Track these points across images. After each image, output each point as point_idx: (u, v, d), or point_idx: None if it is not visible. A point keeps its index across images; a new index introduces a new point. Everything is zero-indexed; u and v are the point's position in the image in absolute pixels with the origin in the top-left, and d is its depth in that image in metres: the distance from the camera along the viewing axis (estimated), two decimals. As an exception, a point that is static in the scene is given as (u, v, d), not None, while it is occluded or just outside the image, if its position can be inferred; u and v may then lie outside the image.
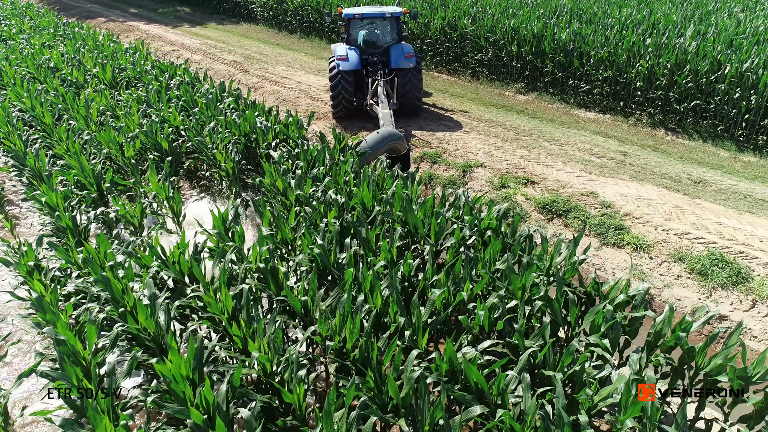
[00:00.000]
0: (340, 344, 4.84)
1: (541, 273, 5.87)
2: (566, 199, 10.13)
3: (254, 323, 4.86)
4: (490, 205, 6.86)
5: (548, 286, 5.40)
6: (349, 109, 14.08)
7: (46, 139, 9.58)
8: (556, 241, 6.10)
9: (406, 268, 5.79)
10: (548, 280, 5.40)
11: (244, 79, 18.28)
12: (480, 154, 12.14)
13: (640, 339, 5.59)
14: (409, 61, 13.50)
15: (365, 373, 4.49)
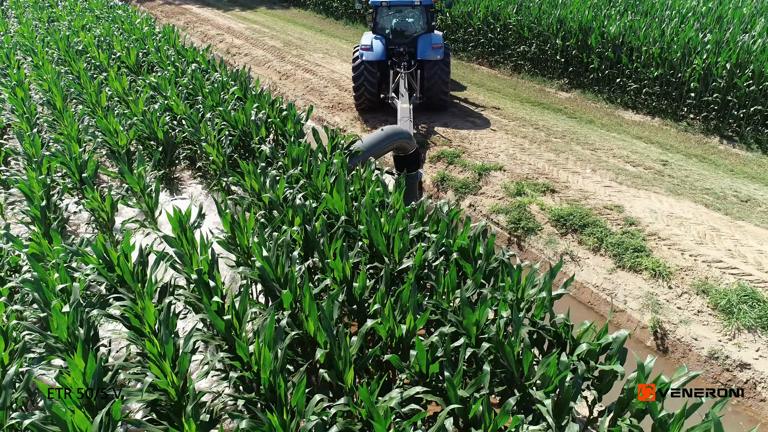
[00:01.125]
0: (254, 375, 4.37)
1: (513, 307, 5.14)
2: (586, 212, 9.15)
3: (170, 341, 4.46)
4: (467, 222, 6.13)
5: (518, 324, 4.68)
6: (372, 102, 13.50)
7: (53, 123, 9.63)
8: (530, 271, 5.33)
9: (358, 289, 5.23)
10: (515, 316, 4.67)
11: (279, 65, 18.04)
12: (502, 156, 11.27)
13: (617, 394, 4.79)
14: (436, 53, 12.72)
15: (273, 411, 4.00)
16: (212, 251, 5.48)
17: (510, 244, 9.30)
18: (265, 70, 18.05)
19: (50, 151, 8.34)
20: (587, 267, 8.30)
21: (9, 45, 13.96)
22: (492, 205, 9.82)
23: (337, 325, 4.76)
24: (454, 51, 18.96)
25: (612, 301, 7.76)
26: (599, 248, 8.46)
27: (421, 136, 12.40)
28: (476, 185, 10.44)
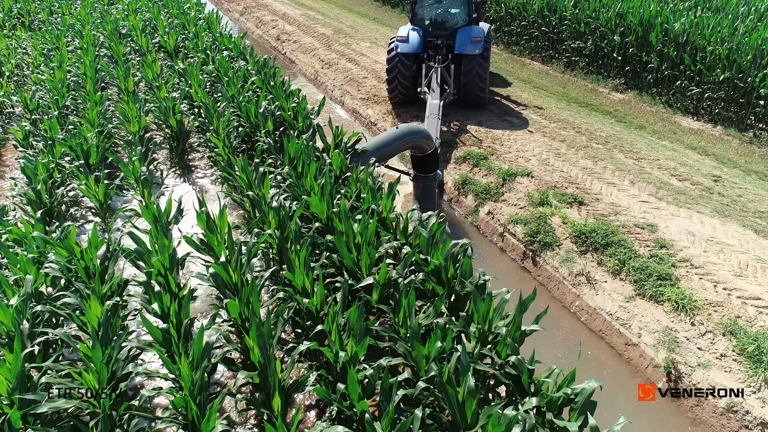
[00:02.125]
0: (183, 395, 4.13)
1: (478, 341, 4.62)
2: (613, 229, 8.31)
3: (98, 345, 4.30)
4: (447, 240, 5.60)
5: (465, 365, 4.16)
6: (405, 96, 13.00)
7: (76, 106, 9.83)
8: (500, 301, 4.76)
9: (311, 304, 4.88)
10: (463, 356, 4.14)
11: (324, 54, 17.83)
12: (533, 161, 10.50)
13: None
14: (474, 47, 12.02)
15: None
16: (174, 251, 5.30)
17: (524, 259, 8.63)
18: (309, 59, 17.90)
19: (65, 134, 8.51)
20: (603, 292, 7.52)
21: (63, 27, 14.55)
22: (511, 214, 9.15)
23: (281, 344, 4.43)
24: (507, 44, 18.04)
25: (625, 333, 6.99)
26: (620, 271, 7.65)
27: (450, 135, 11.81)
28: (498, 191, 9.77)
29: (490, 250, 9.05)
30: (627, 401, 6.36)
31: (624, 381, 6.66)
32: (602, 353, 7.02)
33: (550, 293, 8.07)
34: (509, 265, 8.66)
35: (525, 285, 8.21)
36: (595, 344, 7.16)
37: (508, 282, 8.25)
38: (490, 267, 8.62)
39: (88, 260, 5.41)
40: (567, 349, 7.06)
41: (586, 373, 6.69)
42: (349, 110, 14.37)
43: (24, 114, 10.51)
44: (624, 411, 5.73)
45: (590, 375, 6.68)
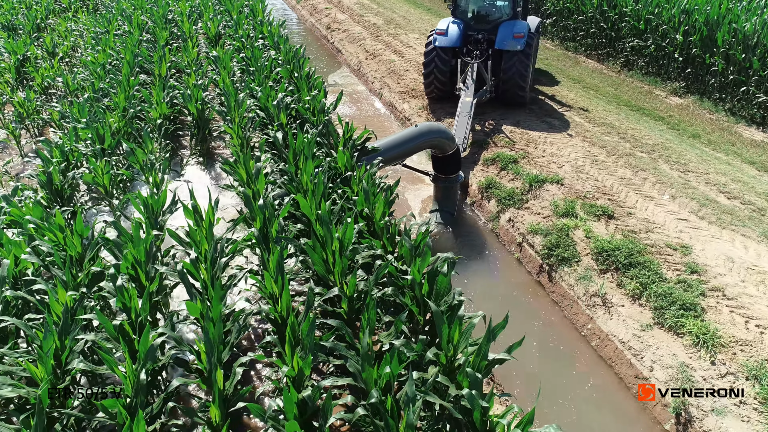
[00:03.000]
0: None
1: (442, 368, 4.28)
2: (640, 248, 7.62)
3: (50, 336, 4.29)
4: (427, 252, 5.22)
5: (411, 399, 3.81)
6: (442, 91, 12.55)
7: (107, 89, 10.07)
8: (468, 325, 4.36)
9: (273, 311, 4.69)
10: (409, 387, 3.78)
11: (370, 44, 17.56)
12: (566, 167, 9.83)
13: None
14: (516, 43, 11.40)
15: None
16: (150, 243, 5.25)
17: (540, 273, 8.08)
18: (355, 49, 17.69)
19: (90, 117, 8.73)
20: (618, 317, 6.90)
21: (117, 11, 15.06)
22: (532, 224, 8.60)
23: (232, 352, 4.27)
24: (562, 39, 17.10)
25: (637, 365, 6.37)
26: (640, 296, 7.00)
27: (482, 134, 11.28)
28: (523, 198, 9.21)
29: (507, 261, 8.56)
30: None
31: (629, 418, 6.08)
32: (609, 384, 6.45)
33: (562, 312, 7.51)
34: (523, 279, 8.15)
35: (536, 302, 7.70)
36: (603, 374, 6.59)
37: (519, 297, 7.76)
38: (502, 279, 8.14)
39: (71, 247, 5.47)
40: (570, 376, 6.53)
41: (588, 404, 6.18)
42: (386, 103, 14.07)
43: (65, 95, 10.91)
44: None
45: (593, 407, 6.18)
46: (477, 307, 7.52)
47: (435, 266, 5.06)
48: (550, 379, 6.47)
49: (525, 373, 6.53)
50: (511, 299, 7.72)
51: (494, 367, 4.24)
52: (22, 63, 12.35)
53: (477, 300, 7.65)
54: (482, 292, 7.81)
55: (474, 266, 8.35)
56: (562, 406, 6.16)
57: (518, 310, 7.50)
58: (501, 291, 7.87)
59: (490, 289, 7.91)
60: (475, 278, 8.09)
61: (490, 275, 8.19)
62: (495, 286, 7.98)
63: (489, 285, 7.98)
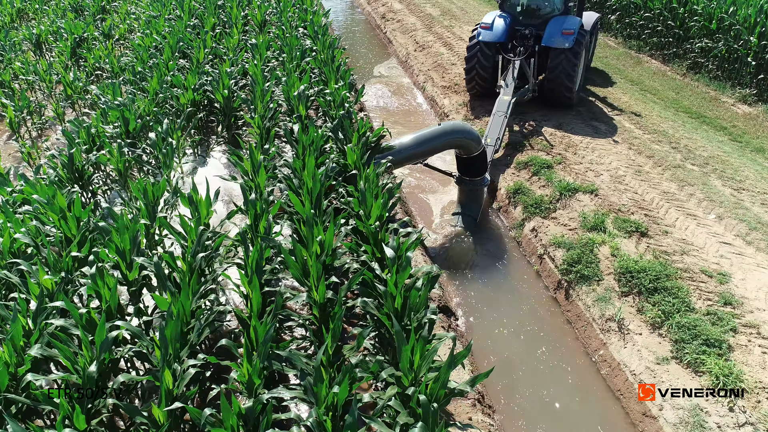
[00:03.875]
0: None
1: (401, 390, 4.02)
2: (670, 272, 6.96)
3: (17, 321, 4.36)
4: (406, 263, 4.90)
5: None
6: (483, 88, 12.04)
7: (144, 73, 10.30)
8: (430, 351, 4.03)
9: (239, 313, 4.57)
10: (350, 417, 3.53)
11: (421, 36, 17.15)
12: (604, 177, 9.16)
13: None
14: (564, 40, 10.72)
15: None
16: (136, 234, 5.27)
17: (557, 289, 7.57)
18: (406, 39, 17.34)
19: (123, 99, 8.95)
20: (633, 345, 6.33)
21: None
22: (555, 235, 8.06)
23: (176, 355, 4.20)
24: (626, 37, 16.00)
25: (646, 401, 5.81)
26: (660, 325, 6.38)
27: (520, 136, 10.72)
28: (551, 206, 8.66)
29: (525, 273, 8.08)
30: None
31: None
32: (613, 419, 5.93)
33: (575, 334, 7.00)
34: (539, 294, 7.66)
35: (548, 320, 7.21)
36: (609, 407, 6.06)
37: (531, 313, 7.30)
38: (516, 292, 7.69)
39: (66, 229, 5.59)
40: (573, 406, 6.06)
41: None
42: (428, 98, 13.69)
43: (111, 77, 11.29)
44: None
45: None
46: (483, 320, 7.16)
47: (415, 279, 4.76)
48: (548, 406, 6.04)
49: (523, 397, 6.13)
50: (522, 315, 7.27)
51: (453, 397, 3.93)
52: (79, 44, 12.92)
53: (485, 313, 7.28)
54: (492, 305, 7.41)
55: (488, 276, 7.94)
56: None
57: (528, 328, 7.06)
58: (513, 305, 7.43)
59: (501, 302, 7.49)
60: (487, 289, 7.69)
61: (504, 287, 7.75)
62: (507, 299, 7.54)
63: (500, 298, 7.56)
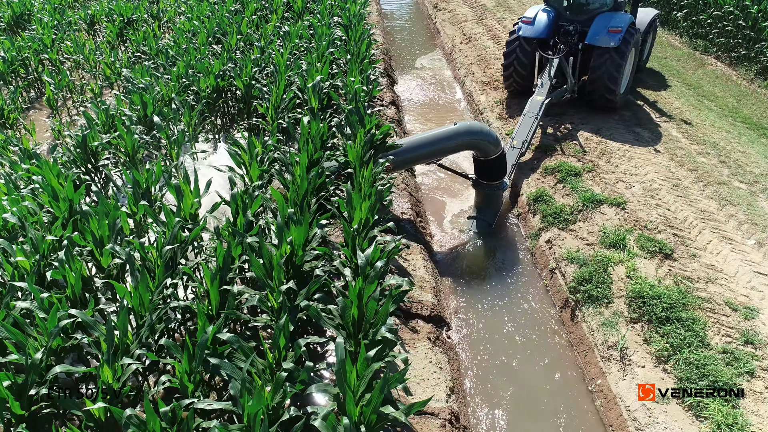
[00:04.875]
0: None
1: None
2: (689, 300, 6.34)
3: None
4: (375, 282, 4.62)
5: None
6: (521, 86, 11.46)
7: (174, 57, 10.43)
8: (377, 366, 3.75)
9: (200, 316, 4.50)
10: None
11: (470, 27, 16.57)
12: (636, 189, 8.48)
13: None
14: (610, 39, 9.98)
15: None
16: (114, 221, 5.31)
17: (564, 307, 7.07)
18: (453, 31, 16.81)
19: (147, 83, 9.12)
20: (633, 378, 5.80)
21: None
22: (570, 249, 7.53)
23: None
24: (691, 36, 14.78)
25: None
26: (666, 359, 5.81)
27: (552, 139, 10.11)
28: (570, 218, 8.10)
29: (533, 287, 7.62)
30: None
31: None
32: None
33: (575, 358, 6.52)
34: (544, 311, 7.19)
35: (548, 341, 6.75)
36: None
37: (530, 332, 6.86)
38: (519, 308, 7.26)
39: (57, 211, 5.73)
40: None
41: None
42: (466, 93, 13.21)
43: (150, 59, 11.57)
44: None
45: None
46: (478, 334, 6.79)
47: (381, 290, 4.52)
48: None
49: (506, 421, 5.77)
50: (522, 332, 6.85)
51: (385, 424, 3.68)
52: (127, 25, 13.34)
53: (482, 327, 6.91)
54: (491, 319, 7.03)
55: (493, 287, 7.54)
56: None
57: (526, 347, 6.64)
58: (514, 321, 7.02)
59: (501, 316, 7.09)
60: (489, 301, 7.31)
61: (508, 300, 7.33)
62: (509, 313, 7.13)
63: (502, 311, 7.16)
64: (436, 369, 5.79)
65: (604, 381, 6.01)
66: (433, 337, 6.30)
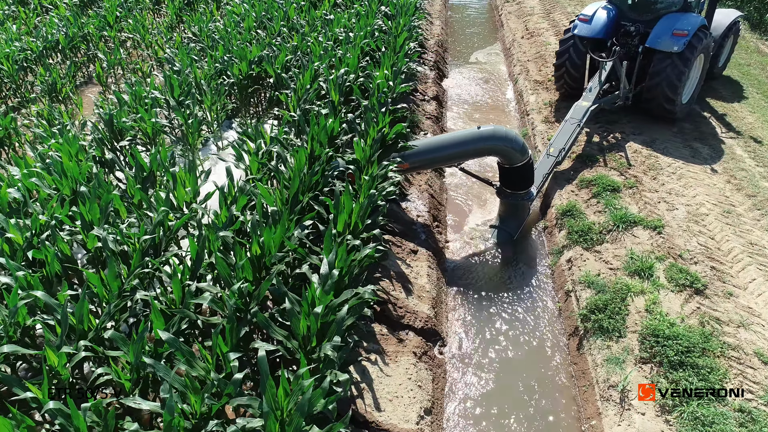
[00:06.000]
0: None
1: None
2: (711, 346, 5.65)
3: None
4: (330, 294, 4.36)
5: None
6: (573, 88, 10.71)
7: (217, 41, 10.53)
8: (298, 385, 3.52)
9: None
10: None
11: (535, 21, 15.70)
12: (679, 212, 7.69)
13: None
14: (673, 42, 9.07)
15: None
16: (106, 205, 5.40)
17: (572, 335, 6.53)
18: (517, 25, 16.00)
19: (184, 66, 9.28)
20: (629, 425, 5.24)
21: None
22: (590, 272, 6.94)
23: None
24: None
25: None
26: (671, 409, 5.21)
27: (595, 148, 9.37)
28: (597, 237, 7.46)
29: (545, 308, 7.10)
30: None
31: None
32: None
33: (573, 392, 6.01)
34: (552, 336, 6.68)
35: (549, 371, 6.26)
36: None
37: (531, 359, 6.38)
38: (527, 329, 6.78)
39: (64, 188, 5.92)
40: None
41: None
42: (517, 92, 12.54)
43: (198, 41, 11.81)
44: None
45: None
46: (474, 354, 6.40)
47: (332, 306, 4.30)
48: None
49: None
50: (522, 357, 6.40)
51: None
52: (186, 6, 13.69)
53: (480, 346, 6.53)
54: (491, 338, 6.62)
55: (501, 304, 7.10)
56: None
57: (523, 374, 6.19)
58: (516, 343, 6.57)
59: (504, 336, 6.65)
60: (494, 319, 6.88)
61: (514, 320, 6.88)
62: (513, 334, 6.68)
63: (505, 332, 6.72)
64: (415, 387, 5.52)
65: (599, 423, 5.49)
66: (421, 351, 6.01)
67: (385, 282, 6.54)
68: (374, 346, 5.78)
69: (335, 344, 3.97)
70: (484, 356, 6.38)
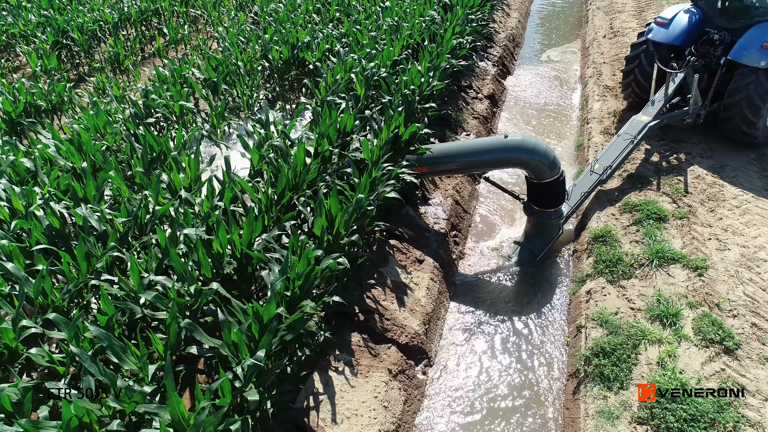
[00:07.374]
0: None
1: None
2: (725, 418, 4.89)
3: None
4: (272, 303, 4.13)
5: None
6: (640, 98, 9.69)
7: (255, 29, 10.52)
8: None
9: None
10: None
11: (623, 19, 14.38)
12: (731, 252, 6.73)
13: None
14: (761, 57, 7.91)
15: None
16: (102, 182, 5.54)
17: (571, 377, 5.91)
18: (603, 22, 14.74)
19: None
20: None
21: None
22: (606, 309, 6.24)
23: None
24: None
25: None
26: (655, 484, 4.56)
27: (652, 169, 8.42)
28: (627, 270, 6.69)
29: (554, 342, 6.49)
30: None
31: None
32: None
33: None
34: (552, 374, 6.09)
35: (538, 412, 5.72)
36: None
37: (523, 395, 5.86)
38: (527, 362, 6.24)
39: (77, 162, 6.16)
40: None
41: None
42: (583, 97, 11.59)
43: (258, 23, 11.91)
44: None
45: None
46: (460, 380, 5.97)
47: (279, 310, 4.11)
48: None
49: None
50: (512, 392, 5.89)
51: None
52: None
53: (469, 373, 6.09)
54: (484, 366, 6.15)
55: (506, 330, 6.59)
56: None
57: (508, 412, 5.70)
58: (510, 375, 6.06)
59: (498, 365, 6.16)
60: (493, 345, 6.40)
61: (515, 349, 6.35)
62: (509, 365, 6.17)
63: (501, 361, 6.22)
64: (379, 407, 5.25)
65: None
66: (397, 369, 5.70)
67: (377, 290, 6.27)
68: (347, 357, 5.55)
69: (258, 358, 3.78)
70: (471, 384, 5.95)
